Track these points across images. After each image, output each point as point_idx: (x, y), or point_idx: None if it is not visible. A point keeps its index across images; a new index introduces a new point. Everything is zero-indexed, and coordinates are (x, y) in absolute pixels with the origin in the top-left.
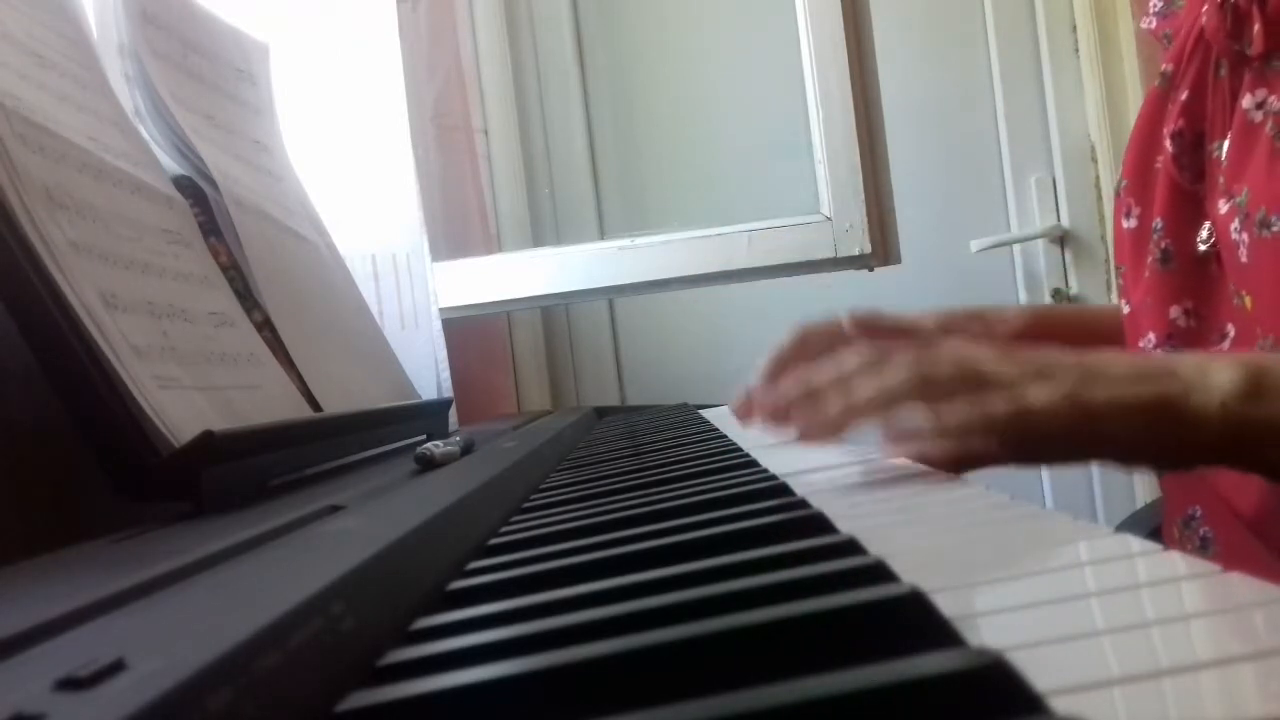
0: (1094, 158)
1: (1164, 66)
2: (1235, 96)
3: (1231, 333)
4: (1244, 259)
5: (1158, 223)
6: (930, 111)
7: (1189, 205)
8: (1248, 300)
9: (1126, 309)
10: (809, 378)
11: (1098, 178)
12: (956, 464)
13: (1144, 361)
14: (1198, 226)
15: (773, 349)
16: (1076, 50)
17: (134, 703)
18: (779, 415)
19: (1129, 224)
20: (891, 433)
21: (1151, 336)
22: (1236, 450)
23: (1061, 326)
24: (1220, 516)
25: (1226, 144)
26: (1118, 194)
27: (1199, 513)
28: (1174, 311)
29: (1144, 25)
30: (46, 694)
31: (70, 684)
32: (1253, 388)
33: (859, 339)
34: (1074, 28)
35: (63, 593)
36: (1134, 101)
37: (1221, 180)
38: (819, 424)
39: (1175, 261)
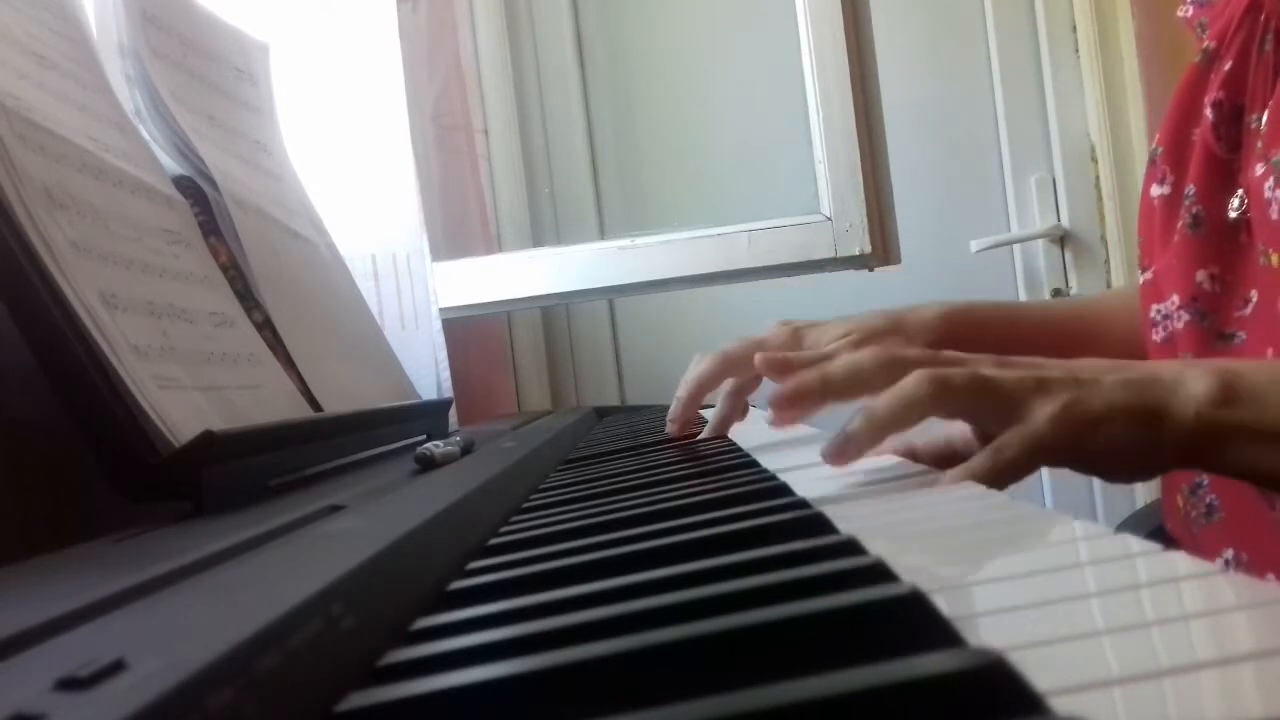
0: (1094, 158)
1: (1205, 43)
2: (1277, 70)
3: (1254, 298)
4: (1275, 216)
5: (1190, 189)
6: (930, 111)
7: (1223, 174)
8: (1275, 258)
9: (1144, 277)
10: (825, 371)
11: (1098, 178)
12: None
13: (1126, 368)
14: (1229, 195)
15: (693, 376)
16: (1076, 50)
17: (134, 703)
18: (794, 404)
19: (1162, 190)
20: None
21: (1175, 298)
22: (1208, 453)
23: (979, 326)
24: (1228, 483)
25: (1266, 114)
26: (1152, 161)
27: (1205, 481)
28: (1200, 275)
29: (1180, 14)
30: (46, 694)
31: (70, 684)
32: (1225, 393)
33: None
34: (1074, 28)
35: (63, 593)
36: (1134, 101)
37: (1259, 145)
38: (847, 448)
39: (1205, 227)
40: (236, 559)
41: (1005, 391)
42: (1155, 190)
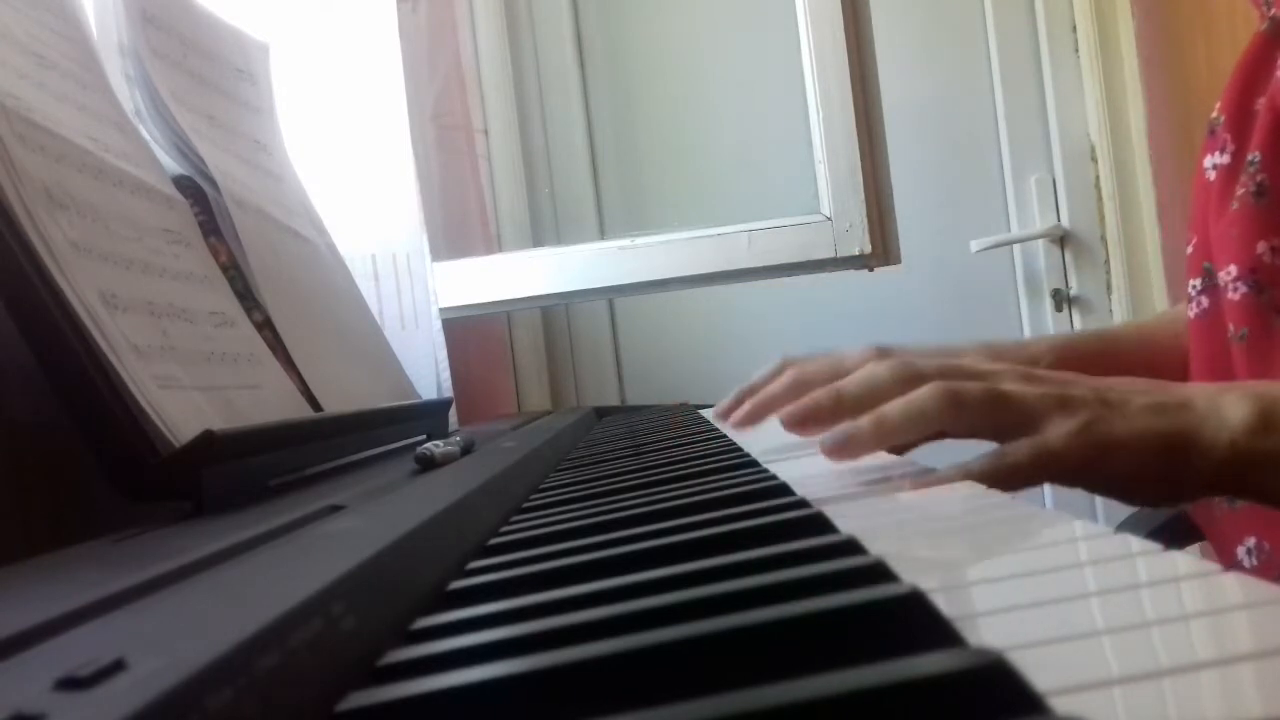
0: (1094, 158)
1: (1273, 11)
2: None
3: None
4: None
5: (1254, 156)
6: (930, 111)
7: None
8: None
9: (1189, 249)
10: (839, 387)
11: (1098, 178)
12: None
13: (1160, 392)
14: None
15: (764, 389)
16: (1076, 50)
17: (134, 703)
18: (805, 422)
19: (1221, 159)
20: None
21: (1233, 269)
22: (1239, 481)
23: (1083, 359)
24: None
25: None
26: (1211, 132)
27: (1253, 543)
28: (1260, 246)
29: None
30: (46, 694)
31: (70, 684)
32: (1263, 421)
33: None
34: (1074, 28)
35: (63, 593)
36: (1134, 101)
37: None
38: (849, 443)
39: (1269, 196)
40: (236, 559)
41: (1023, 408)
42: (1210, 160)
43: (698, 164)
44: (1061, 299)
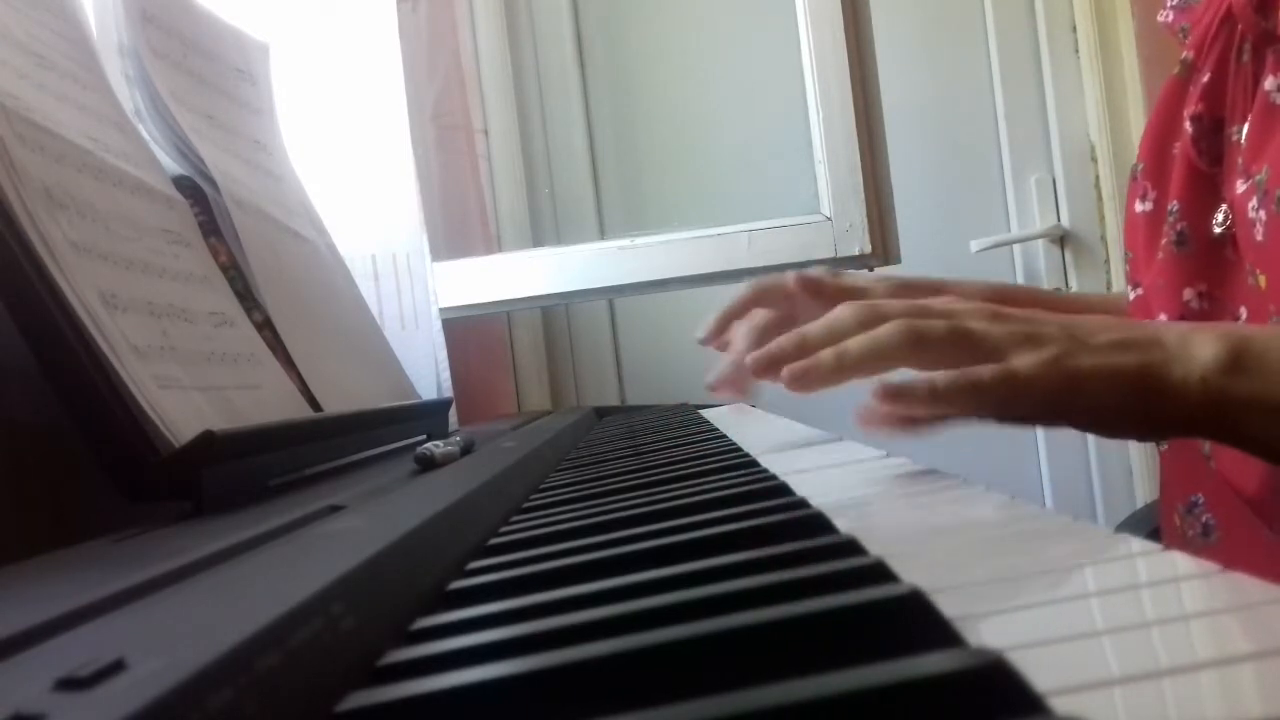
0: (1094, 158)
1: (1184, 54)
2: (1257, 80)
3: (1244, 315)
4: (1260, 237)
5: (1174, 205)
6: (930, 111)
7: (1206, 188)
8: (1262, 279)
9: (1135, 293)
10: (803, 331)
11: (1098, 178)
12: (937, 421)
13: (1130, 329)
14: (1214, 209)
15: (726, 305)
16: (1076, 50)
17: (134, 703)
18: (770, 366)
19: (1144, 207)
20: (880, 392)
21: (1163, 318)
22: (1214, 422)
23: (1024, 303)
24: (1223, 502)
25: (1246, 127)
26: (1134, 178)
27: (1201, 500)
28: (1188, 294)
29: (1160, 19)
30: (46, 694)
31: (70, 684)
32: (1234, 361)
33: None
34: (1074, 28)
35: (63, 593)
36: (1134, 101)
37: (1240, 161)
38: (808, 373)
39: (1191, 244)
40: (236, 559)
41: (988, 343)
42: (1138, 206)
43: (698, 164)
44: None
